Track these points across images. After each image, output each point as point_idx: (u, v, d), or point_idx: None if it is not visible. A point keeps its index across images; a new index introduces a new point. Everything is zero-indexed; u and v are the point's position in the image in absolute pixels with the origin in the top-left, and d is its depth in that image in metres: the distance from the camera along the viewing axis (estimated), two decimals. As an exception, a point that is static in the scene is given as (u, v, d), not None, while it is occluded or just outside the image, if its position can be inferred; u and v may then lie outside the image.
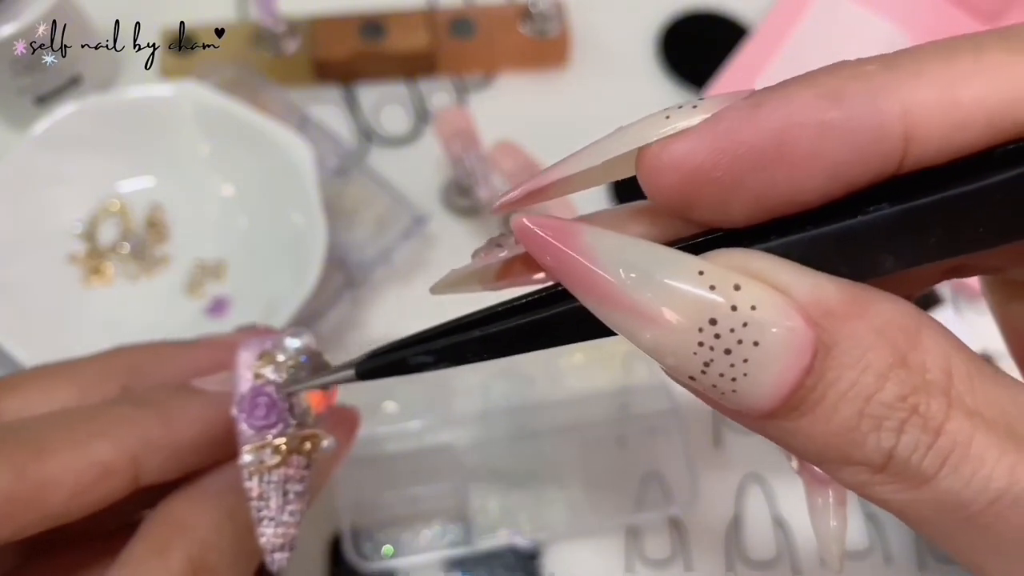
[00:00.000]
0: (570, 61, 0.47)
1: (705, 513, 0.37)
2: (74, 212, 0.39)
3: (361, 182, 0.41)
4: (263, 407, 0.21)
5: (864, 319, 0.13)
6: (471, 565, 0.36)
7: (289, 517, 0.21)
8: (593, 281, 0.13)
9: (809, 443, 0.13)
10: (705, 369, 0.13)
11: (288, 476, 0.21)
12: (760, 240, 0.14)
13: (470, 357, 0.17)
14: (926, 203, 0.13)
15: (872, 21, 0.48)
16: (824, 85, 0.13)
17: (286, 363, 0.21)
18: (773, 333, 0.13)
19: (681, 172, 0.14)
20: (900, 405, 0.13)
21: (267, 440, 0.21)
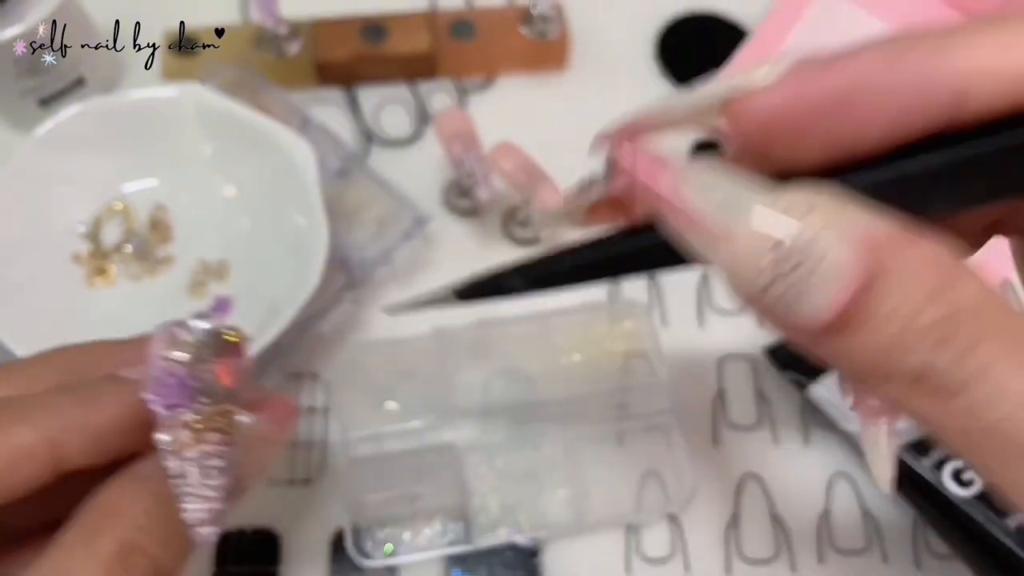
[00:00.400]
0: (569, 63, 0.47)
1: (703, 511, 0.37)
2: (78, 213, 0.39)
3: (362, 183, 0.41)
4: (171, 387, 0.21)
5: (913, 252, 0.15)
6: (471, 563, 0.36)
7: (211, 492, 0.21)
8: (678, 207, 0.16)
9: (858, 357, 0.15)
10: (772, 284, 0.15)
11: (205, 452, 0.21)
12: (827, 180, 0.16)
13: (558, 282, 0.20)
14: (975, 151, 0.15)
15: (870, 23, 0.49)
16: (890, 46, 0.16)
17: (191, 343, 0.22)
18: (834, 254, 0.15)
19: (763, 117, 0.16)
20: (938, 326, 0.15)
21: (180, 419, 0.21)
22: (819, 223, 0.15)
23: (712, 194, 0.16)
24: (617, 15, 0.49)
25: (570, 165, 0.43)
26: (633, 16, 0.49)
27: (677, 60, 0.48)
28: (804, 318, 0.15)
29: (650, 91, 0.47)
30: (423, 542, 0.36)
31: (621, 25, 0.49)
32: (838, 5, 0.49)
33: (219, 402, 0.22)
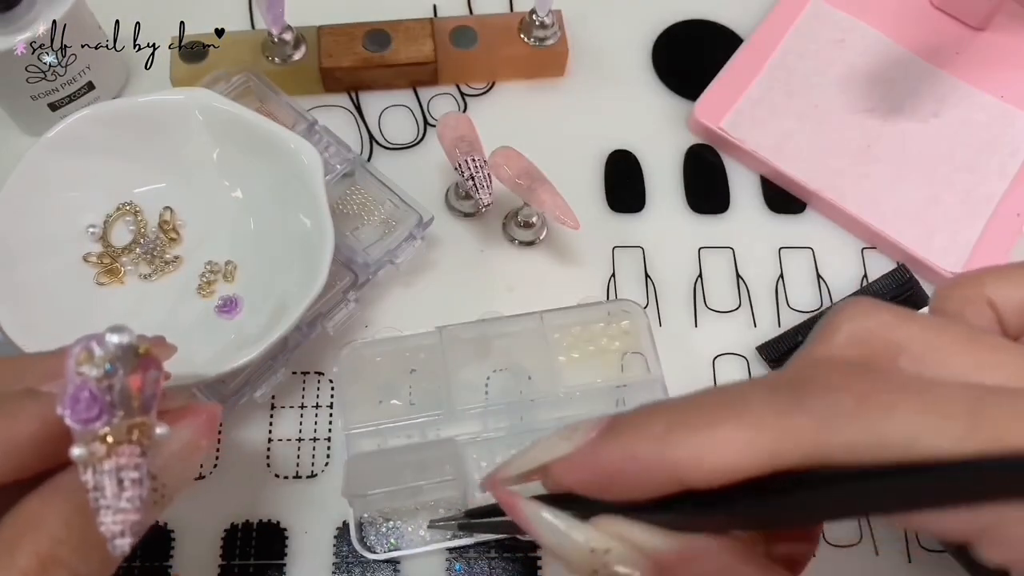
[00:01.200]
0: (568, 70, 0.48)
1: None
2: (88, 214, 0.40)
3: (367, 186, 0.42)
4: (84, 401, 0.21)
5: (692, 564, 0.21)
6: (472, 556, 0.37)
7: (127, 503, 0.22)
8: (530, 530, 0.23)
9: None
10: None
11: (120, 465, 0.21)
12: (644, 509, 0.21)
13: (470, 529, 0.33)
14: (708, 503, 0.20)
15: (862, 29, 0.49)
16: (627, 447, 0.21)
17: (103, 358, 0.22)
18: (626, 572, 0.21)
19: (568, 482, 0.22)
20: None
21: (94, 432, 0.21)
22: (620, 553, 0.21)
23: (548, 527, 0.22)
24: (614, 23, 0.50)
25: (568, 168, 0.45)
26: (630, 24, 0.50)
27: (672, 66, 0.49)
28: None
29: (646, 97, 0.48)
30: (425, 535, 0.37)
31: (618, 32, 0.50)
32: (829, 12, 0.50)
33: (133, 415, 0.22)
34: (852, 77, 0.48)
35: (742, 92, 0.47)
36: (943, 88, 0.48)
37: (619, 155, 0.46)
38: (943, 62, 0.48)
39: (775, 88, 0.47)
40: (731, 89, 0.47)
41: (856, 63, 0.48)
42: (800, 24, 0.49)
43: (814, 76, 0.48)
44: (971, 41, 0.49)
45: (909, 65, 0.49)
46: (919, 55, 0.49)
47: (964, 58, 0.49)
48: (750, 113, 0.47)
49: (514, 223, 0.43)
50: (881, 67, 0.48)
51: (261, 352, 0.35)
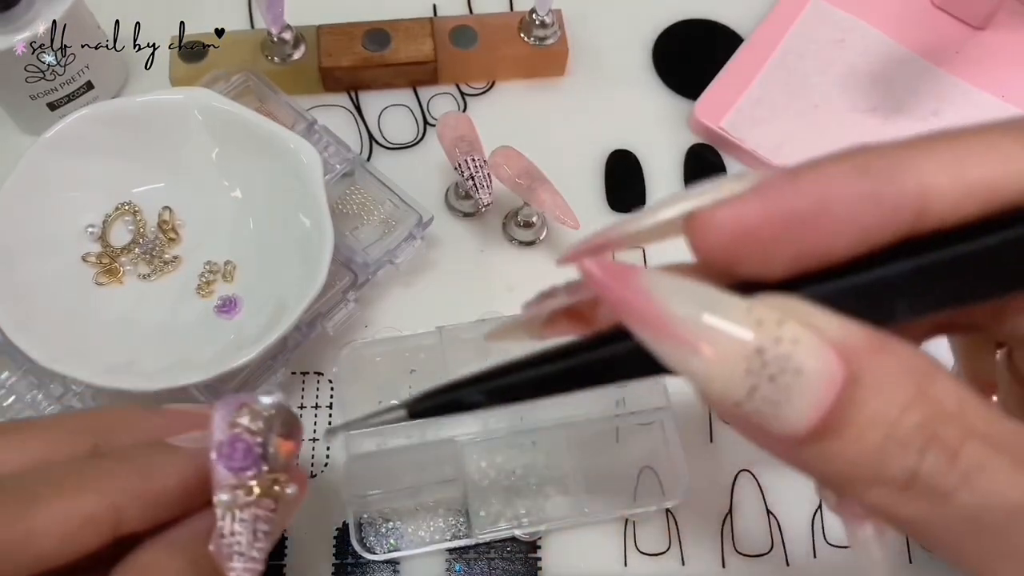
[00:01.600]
0: (568, 69, 0.48)
1: (699, 506, 0.38)
2: (87, 214, 0.40)
3: (366, 186, 0.42)
4: (240, 451, 0.22)
5: (888, 357, 0.15)
6: (472, 556, 0.37)
7: (257, 554, 0.22)
8: (651, 315, 0.15)
9: (840, 465, 0.15)
10: (751, 395, 0.15)
11: (257, 516, 0.22)
12: (795, 290, 0.16)
13: (522, 396, 0.19)
14: (936, 260, 0.16)
15: (862, 29, 0.49)
16: (854, 162, 0.16)
17: (261, 414, 0.23)
18: (811, 364, 0.15)
19: (732, 232, 0.16)
20: (922, 430, 0.15)
21: (242, 481, 0.22)
22: (793, 332, 0.15)
23: (683, 303, 0.15)
24: (614, 22, 0.50)
25: (568, 168, 0.44)
26: (630, 23, 0.50)
27: (673, 66, 0.49)
28: (783, 429, 0.15)
29: (646, 96, 0.48)
30: (424, 535, 0.36)
31: (618, 32, 0.50)
32: (830, 12, 0.50)
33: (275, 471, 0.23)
34: (853, 76, 0.48)
35: (742, 92, 0.47)
36: (943, 87, 0.48)
37: (619, 155, 0.46)
38: (943, 61, 0.48)
39: (775, 88, 0.47)
40: (731, 89, 0.47)
41: (856, 62, 0.48)
42: (800, 23, 0.49)
43: (815, 75, 0.48)
44: (972, 40, 0.49)
45: (909, 64, 0.48)
46: (919, 54, 0.49)
47: (964, 57, 0.48)
48: (751, 113, 0.46)
49: (514, 223, 0.43)
50: (881, 66, 0.48)
51: (260, 352, 0.35)
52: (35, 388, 0.37)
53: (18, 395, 0.37)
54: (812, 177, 0.16)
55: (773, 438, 0.16)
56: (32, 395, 0.37)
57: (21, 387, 0.37)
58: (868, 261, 0.16)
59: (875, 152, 0.16)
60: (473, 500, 0.37)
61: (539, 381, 0.18)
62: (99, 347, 0.37)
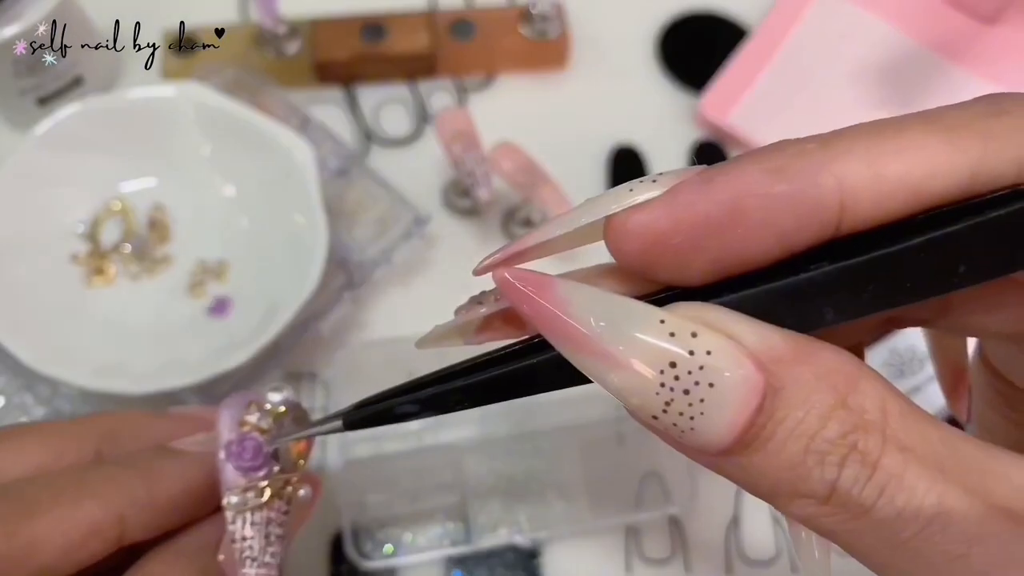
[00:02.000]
0: (570, 62, 0.47)
1: (704, 512, 0.37)
2: (76, 212, 0.39)
3: (362, 183, 0.41)
4: (250, 450, 0.22)
5: (808, 365, 0.14)
6: (471, 564, 0.36)
7: (270, 558, 0.22)
8: (566, 329, 0.15)
9: (761, 478, 0.15)
10: (666, 408, 0.14)
11: (270, 519, 0.22)
12: (715, 296, 0.15)
13: (453, 405, 0.18)
14: (860, 262, 0.15)
15: (870, 22, 0.49)
16: (770, 161, 0.15)
17: (271, 411, 0.22)
18: (727, 376, 0.14)
19: (644, 239, 0.15)
20: (841, 442, 0.14)
21: (252, 482, 0.22)
22: (708, 343, 0.14)
23: (598, 315, 0.15)
24: (617, 15, 0.49)
25: (570, 165, 0.44)
26: (633, 16, 0.49)
27: (677, 59, 0.48)
28: (699, 444, 0.15)
29: (650, 90, 0.47)
30: (423, 542, 0.36)
31: (621, 25, 0.49)
32: (838, 4, 0.49)
33: (286, 471, 0.22)
34: (862, 70, 0.47)
35: (750, 86, 0.46)
36: (953, 81, 0.47)
37: (623, 151, 0.46)
38: (954, 55, 0.48)
39: (783, 82, 0.46)
40: (738, 83, 0.46)
41: (866, 56, 0.48)
42: (808, 16, 0.48)
43: (823, 69, 0.47)
44: (982, 34, 0.48)
45: (920, 58, 0.48)
46: (930, 48, 0.48)
47: (976, 51, 0.48)
48: (758, 108, 0.46)
49: (514, 221, 0.42)
50: (892, 60, 0.47)
51: (253, 354, 0.34)
52: (24, 390, 0.37)
53: (7, 397, 0.36)
54: (724, 180, 0.15)
55: (693, 451, 0.15)
56: (20, 397, 0.36)
57: (10, 389, 0.36)
58: (793, 264, 0.15)
59: (791, 150, 0.15)
60: (472, 506, 0.36)
61: (470, 390, 0.18)
62: (88, 348, 0.36)
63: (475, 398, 0.18)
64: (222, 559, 0.21)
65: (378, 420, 0.20)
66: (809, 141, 0.15)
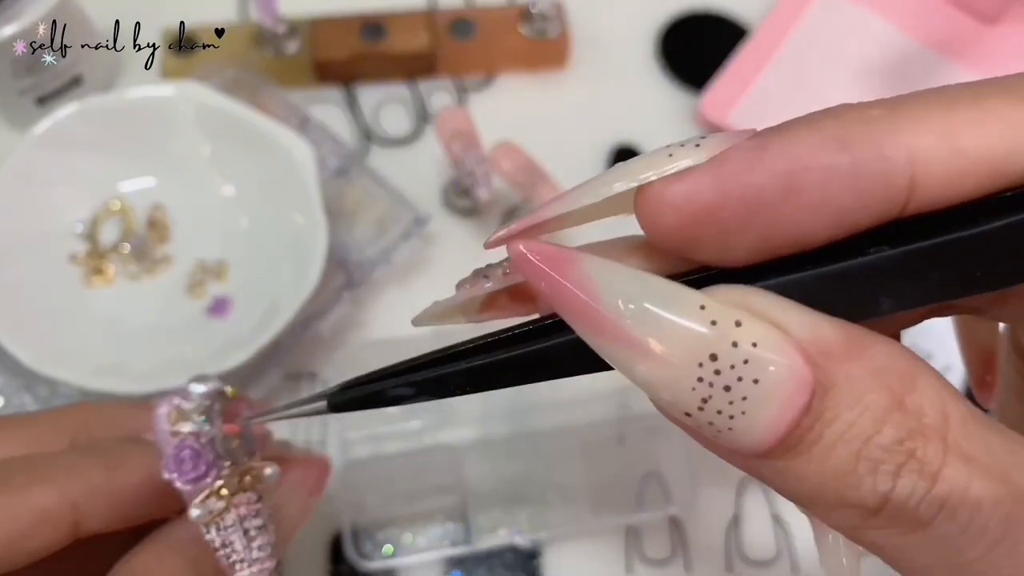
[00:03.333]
0: (570, 62, 0.47)
1: (705, 512, 0.37)
2: (75, 212, 0.39)
3: (362, 182, 0.41)
4: (188, 460, 0.21)
5: (862, 361, 0.13)
6: (471, 565, 0.36)
7: (259, 552, 0.21)
8: (589, 311, 0.13)
9: (803, 484, 0.13)
10: (703, 406, 0.13)
11: (242, 516, 0.21)
12: (759, 278, 0.14)
13: (454, 389, 0.17)
14: (925, 247, 0.13)
15: (872, 21, 0.48)
16: (829, 129, 0.13)
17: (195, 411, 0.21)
18: (772, 371, 0.13)
19: (684, 212, 0.13)
20: (897, 448, 0.13)
21: (207, 490, 0.21)
22: (753, 333, 0.13)
23: (627, 296, 0.13)
24: (618, 14, 0.49)
25: (570, 164, 0.43)
26: (634, 15, 0.49)
27: (678, 59, 0.48)
28: (739, 445, 0.13)
29: (651, 90, 0.47)
30: (423, 543, 0.36)
31: (622, 24, 0.49)
32: (839, 4, 0.49)
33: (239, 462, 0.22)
34: (863, 70, 0.47)
35: (750, 86, 0.46)
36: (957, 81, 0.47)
37: (623, 151, 0.45)
38: (956, 55, 0.48)
39: (784, 82, 0.46)
40: (738, 83, 0.46)
41: (868, 55, 0.47)
42: (809, 15, 0.48)
43: (824, 69, 0.47)
44: (985, 34, 0.48)
45: (922, 58, 0.48)
46: (932, 48, 0.48)
47: (977, 51, 0.48)
48: (759, 108, 0.46)
49: (514, 221, 0.42)
50: (893, 60, 0.47)
51: (253, 354, 0.34)
52: (22, 390, 0.36)
53: (6, 397, 0.36)
54: (780, 147, 0.13)
55: (730, 452, 0.14)
56: (19, 397, 0.36)
57: (8, 389, 0.36)
58: (849, 246, 0.13)
59: (855, 116, 0.13)
60: (472, 507, 0.36)
61: (472, 374, 0.16)
62: (88, 348, 0.36)
63: (479, 382, 0.16)
64: None
65: (368, 403, 0.18)
66: (874, 107, 0.13)
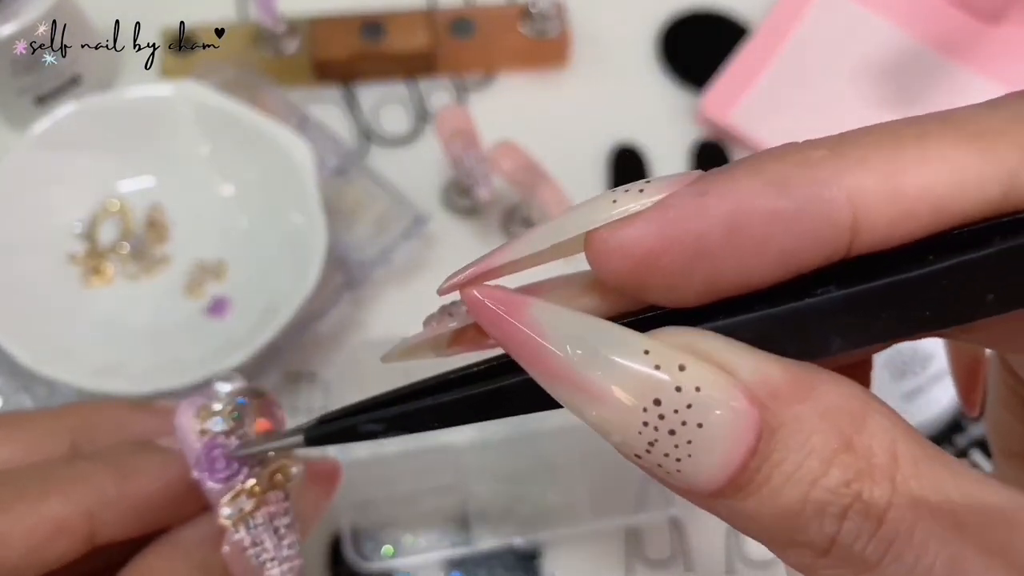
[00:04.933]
0: (570, 61, 0.47)
1: (705, 514, 0.36)
2: (74, 212, 0.39)
3: (361, 182, 0.41)
4: (221, 459, 0.21)
5: (809, 401, 0.13)
6: (471, 565, 0.36)
7: (289, 550, 0.21)
8: (540, 355, 0.13)
9: (754, 524, 0.13)
10: (650, 448, 0.13)
11: (272, 514, 0.21)
12: (707, 319, 0.14)
13: (420, 426, 0.17)
14: (873, 287, 0.13)
15: (872, 21, 0.48)
16: (770, 172, 0.13)
17: (225, 409, 0.21)
18: (717, 415, 0.13)
19: (629, 258, 0.14)
20: (844, 491, 0.13)
21: (237, 488, 0.21)
22: (697, 376, 0.13)
23: (575, 341, 0.13)
24: (619, 13, 0.49)
25: (570, 164, 0.43)
26: (634, 14, 0.49)
27: (678, 58, 0.48)
28: (691, 483, 0.13)
29: (651, 89, 0.47)
30: (422, 544, 0.36)
31: (622, 23, 0.49)
32: (840, 3, 0.49)
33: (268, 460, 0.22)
34: (864, 69, 0.47)
35: (751, 85, 0.46)
36: (957, 81, 0.47)
37: (623, 150, 0.45)
38: (958, 54, 0.47)
39: (785, 81, 0.46)
40: (740, 82, 0.46)
41: (869, 55, 0.47)
42: (810, 15, 0.48)
43: (825, 69, 0.47)
44: (986, 33, 0.48)
45: (923, 57, 0.47)
46: (933, 47, 0.48)
47: (979, 51, 0.48)
48: (760, 107, 0.45)
49: (514, 221, 0.42)
50: (894, 59, 0.47)
51: (252, 354, 0.34)
52: (21, 390, 0.36)
53: (4, 397, 0.36)
54: (720, 192, 0.13)
55: (683, 492, 0.14)
56: (18, 398, 0.36)
57: (7, 390, 0.36)
58: (797, 287, 0.14)
59: (797, 159, 0.13)
60: (472, 507, 0.36)
61: (440, 410, 0.17)
62: (86, 349, 0.36)
63: (445, 418, 0.17)
64: (226, 551, 0.21)
65: (342, 437, 0.18)
66: (815, 147, 0.14)
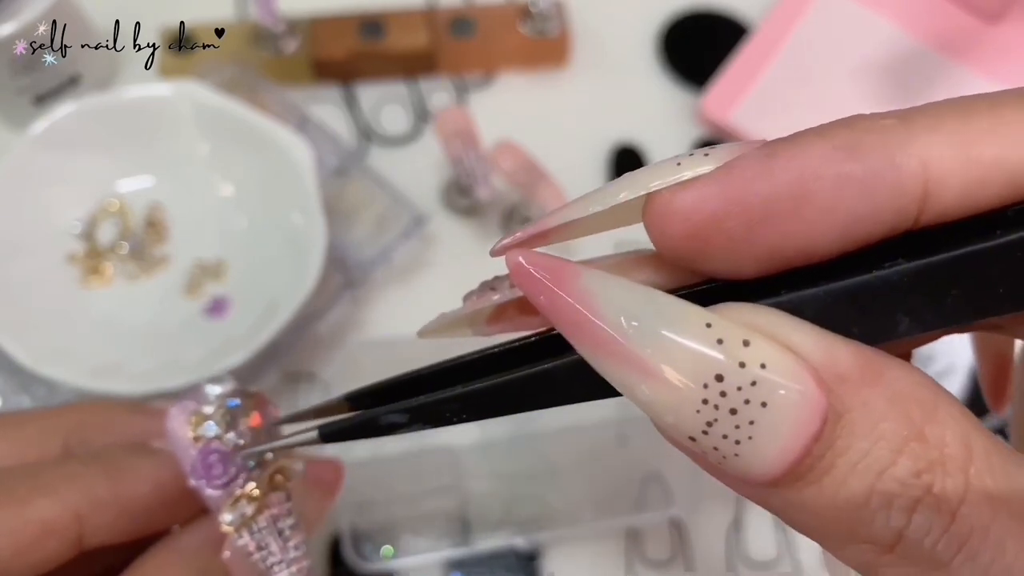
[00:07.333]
0: (570, 61, 0.47)
1: (706, 514, 0.37)
2: (73, 212, 0.39)
3: (361, 182, 0.41)
4: (218, 465, 0.20)
5: (879, 387, 0.12)
6: (471, 566, 0.36)
7: (295, 552, 0.21)
8: (589, 328, 0.13)
9: (813, 516, 0.13)
10: (707, 430, 0.12)
11: (275, 516, 0.21)
12: (769, 294, 0.13)
13: (449, 417, 0.15)
14: (944, 259, 0.12)
15: (873, 20, 0.48)
16: (840, 137, 0.13)
17: (216, 413, 0.21)
18: (782, 395, 0.12)
19: (691, 221, 0.13)
20: (914, 482, 0.12)
21: (238, 493, 0.20)
22: (762, 354, 0.12)
23: (630, 313, 0.12)
24: (619, 13, 0.49)
25: (570, 163, 0.43)
26: (635, 13, 0.49)
27: (679, 58, 0.48)
28: (745, 473, 0.12)
29: (651, 89, 0.47)
30: (422, 545, 0.35)
31: (623, 23, 0.49)
32: (840, 3, 0.49)
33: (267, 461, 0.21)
34: (865, 69, 0.47)
35: (752, 85, 0.46)
36: (957, 80, 0.47)
37: (623, 150, 0.45)
38: (958, 54, 0.47)
39: (785, 80, 0.46)
40: (740, 81, 0.46)
41: (869, 54, 0.47)
42: (811, 14, 0.48)
43: (825, 68, 0.47)
44: (986, 33, 0.48)
45: (924, 57, 0.47)
46: (933, 47, 0.48)
47: (979, 50, 0.48)
48: (761, 106, 0.45)
49: (514, 220, 0.42)
50: (894, 59, 0.47)
51: (251, 354, 0.34)
52: (20, 391, 0.36)
53: (4, 398, 0.36)
54: (789, 156, 0.13)
55: (736, 480, 0.13)
56: (17, 398, 0.36)
57: (6, 390, 0.36)
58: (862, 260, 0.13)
59: (867, 125, 0.13)
60: (472, 508, 0.36)
61: (470, 399, 0.15)
62: (85, 349, 0.36)
63: (476, 409, 0.15)
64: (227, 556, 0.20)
65: (360, 432, 0.17)
66: (886, 116, 0.13)
